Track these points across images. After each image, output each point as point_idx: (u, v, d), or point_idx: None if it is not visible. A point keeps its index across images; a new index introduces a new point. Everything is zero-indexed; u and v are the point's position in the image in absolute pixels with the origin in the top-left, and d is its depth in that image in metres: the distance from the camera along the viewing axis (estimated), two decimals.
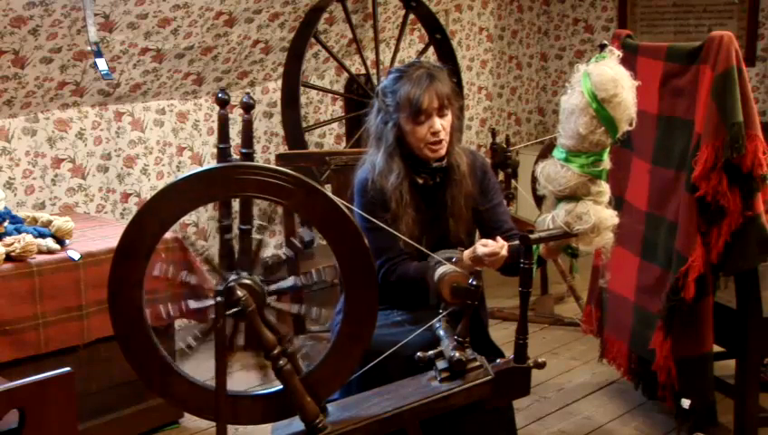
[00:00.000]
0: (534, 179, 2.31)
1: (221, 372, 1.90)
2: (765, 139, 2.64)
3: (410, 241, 2.32)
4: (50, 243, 2.82)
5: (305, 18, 4.05)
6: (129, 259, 1.89)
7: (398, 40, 4.56)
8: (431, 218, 2.49)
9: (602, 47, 2.18)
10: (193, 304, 1.98)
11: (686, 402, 2.78)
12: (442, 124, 2.41)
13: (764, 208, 2.66)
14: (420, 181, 2.49)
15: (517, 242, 2.21)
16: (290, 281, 2.00)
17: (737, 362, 2.89)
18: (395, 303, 2.52)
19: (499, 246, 2.25)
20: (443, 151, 2.45)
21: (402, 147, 2.46)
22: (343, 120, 4.66)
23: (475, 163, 2.55)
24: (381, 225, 2.28)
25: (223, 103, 3.89)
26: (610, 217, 2.17)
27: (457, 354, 2.08)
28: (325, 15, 4.17)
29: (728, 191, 2.60)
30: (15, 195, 3.55)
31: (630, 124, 2.14)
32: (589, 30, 5.96)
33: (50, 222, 2.91)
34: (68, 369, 1.65)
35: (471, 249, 2.34)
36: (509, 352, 2.22)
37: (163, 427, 3.14)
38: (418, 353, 2.14)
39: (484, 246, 2.27)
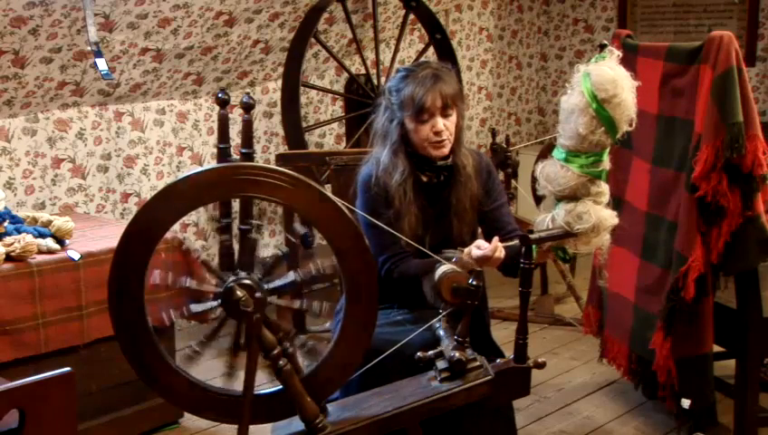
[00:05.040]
0: (534, 179, 2.31)
1: (250, 377, 1.90)
2: (765, 139, 2.65)
3: (411, 241, 2.32)
4: (50, 243, 2.82)
5: (305, 18, 4.05)
6: (129, 259, 1.89)
7: (398, 40, 4.56)
8: (434, 217, 2.50)
9: (602, 47, 2.18)
10: (195, 308, 1.97)
11: (686, 402, 2.78)
12: (445, 124, 2.42)
13: (764, 208, 2.66)
14: (425, 179, 2.49)
15: (515, 242, 2.20)
16: (289, 277, 1.99)
17: (737, 362, 2.89)
18: (397, 300, 2.52)
19: (491, 249, 2.23)
20: (446, 151, 2.45)
21: (407, 145, 2.47)
22: (343, 120, 4.66)
23: (481, 164, 2.56)
24: (382, 226, 2.28)
25: (223, 103, 3.89)
26: (610, 217, 2.17)
27: (457, 354, 2.08)
28: (325, 15, 4.17)
29: (728, 191, 2.60)
30: (15, 195, 3.55)
31: (630, 125, 2.14)
32: (589, 30, 5.96)
33: (50, 222, 2.91)
34: (68, 369, 1.65)
35: (467, 249, 2.34)
36: (509, 352, 2.22)
37: (163, 427, 3.14)
38: (418, 353, 2.14)
39: (478, 249, 2.26)
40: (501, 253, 2.24)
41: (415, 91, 2.40)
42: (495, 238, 2.26)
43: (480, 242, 2.29)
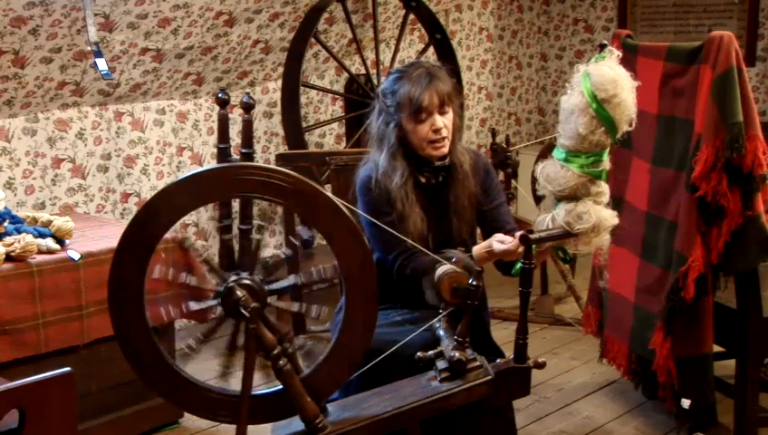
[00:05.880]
0: (534, 179, 2.31)
1: (248, 377, 1.90)
2: (765, 139, 2.65)
3: (413, 242, 2.31)
4: (50, 243, 2.82)
5: (305, 18, 4.05)
6: (129, 259, 1.89)
7: (398, 40, 4.56)
8: (435, 217, 2.50)
9: (602, 47, 2.17)
10: (194, 306, 1.97)
11: (686, 402, 2.78)
12: (444, 122, 2.42)
13: (764, 208, 2.67)
14: (423, 180, 2.49)
15: None
16: (290, 280, 2.00)
17: (737, 362, 2.89)
18: (400, 300, 2.51)
19: (515, 243, 2.25)
20: (445, 150, 2.45)
21: (405, 147, 2.47)
22: (343, 120, 4.66)
23: (478, 163, 2.56)
24: (388, 229, 2.28)
25: (223, 103, 3.89)
26: (611, 216, 2.17)
27: (457, 354, 2.08)
28: (325, 15, 4.17)
29: (728, 191, 2.60)
30: (15, 195, 3.55)
31: (630, 125, 2.14)
32: (589, 30, 5.96)
33: (50, 222, 2.91)
34: (68, 369, 1.65)
35: (486, 244, 2.33)
36: (509, 352, 2.22)
37: (163, 427, 3.14)
38: (418, 353, 2.14)
39: (500, 243, 2.27)
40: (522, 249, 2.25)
41: (411, 90, 2.39)
42: (518, 233, 2.27)
43: (502, 236, 2.30)
